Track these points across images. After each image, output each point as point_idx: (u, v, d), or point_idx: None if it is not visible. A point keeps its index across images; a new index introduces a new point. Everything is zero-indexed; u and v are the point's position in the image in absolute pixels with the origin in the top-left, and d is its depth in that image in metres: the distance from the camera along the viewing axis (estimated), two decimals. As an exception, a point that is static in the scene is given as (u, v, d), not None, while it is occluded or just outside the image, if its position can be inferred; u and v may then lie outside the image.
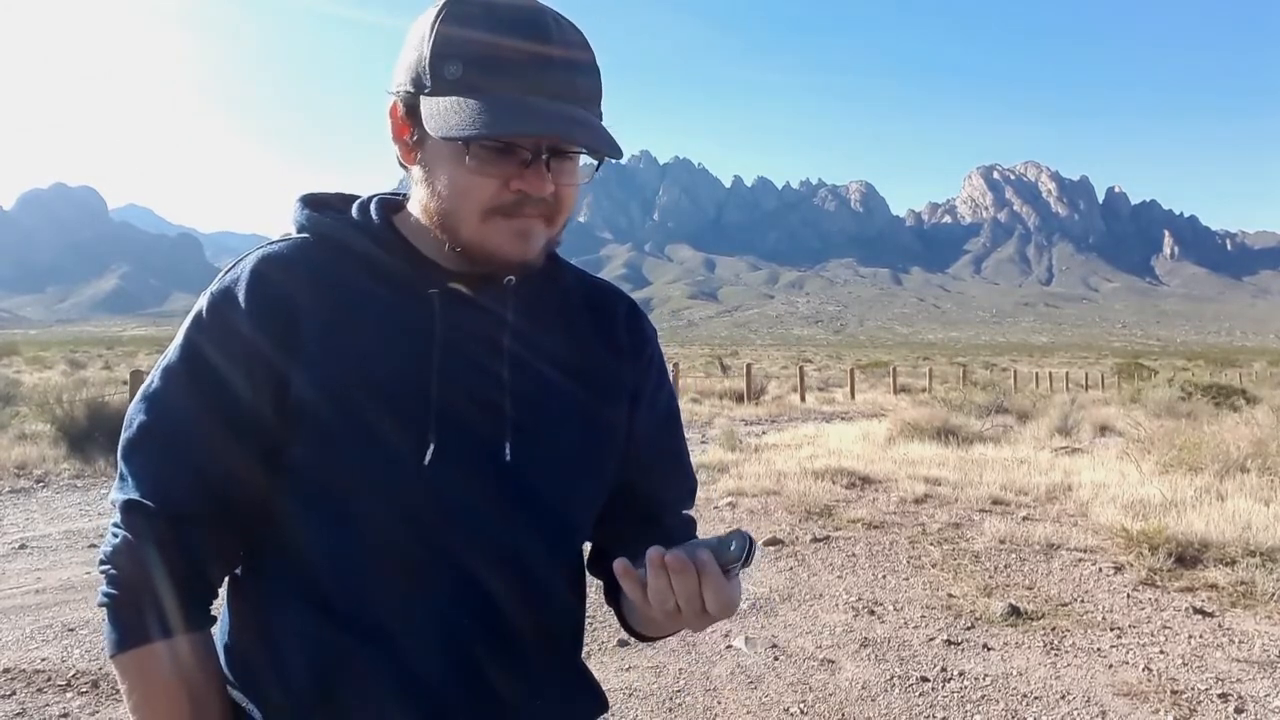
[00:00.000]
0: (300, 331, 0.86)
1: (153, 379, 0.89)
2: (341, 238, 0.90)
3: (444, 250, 0.88)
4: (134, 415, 0.89)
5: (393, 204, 0.95)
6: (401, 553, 0.87)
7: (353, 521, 0.86)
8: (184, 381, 0.87)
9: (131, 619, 0.85)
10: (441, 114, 0.81)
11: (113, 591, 0.86)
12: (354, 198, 0.97)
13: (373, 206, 0.93)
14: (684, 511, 1.09)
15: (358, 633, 0.87)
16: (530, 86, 0.81)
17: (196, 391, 0.87)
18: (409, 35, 0.86)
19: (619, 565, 0.81)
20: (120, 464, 0.89)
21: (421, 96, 0.83)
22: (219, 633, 0.95)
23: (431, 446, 0.85)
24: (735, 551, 0.79)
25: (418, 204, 0.90)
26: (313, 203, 0.95)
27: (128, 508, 0.86)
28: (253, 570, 0.93)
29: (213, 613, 0.91)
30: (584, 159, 0.87)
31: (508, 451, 0.88)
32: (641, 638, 1.01)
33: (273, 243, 0.92)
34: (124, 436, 0.89)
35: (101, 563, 0.87)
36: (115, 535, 0.87)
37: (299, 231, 0.93)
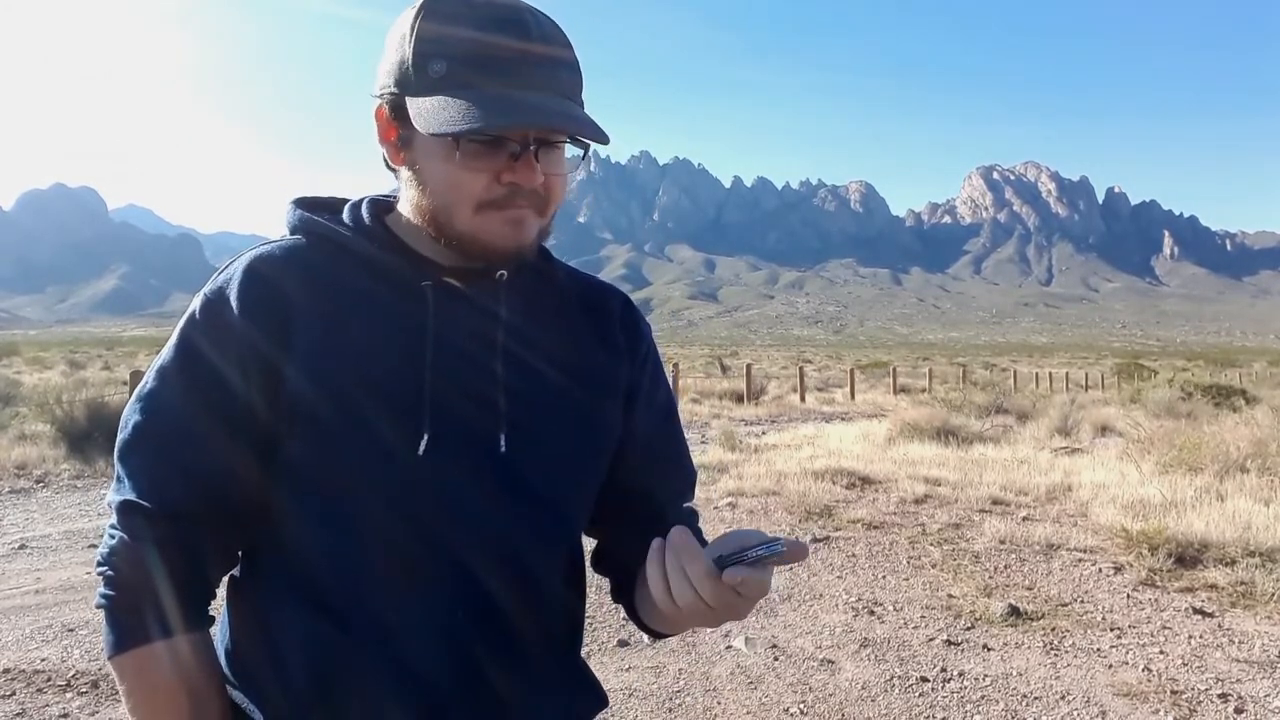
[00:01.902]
0: (294, 327, 0.86)
1: (147, 379, 0.90)
2: (334, 237, 0.91)
3: (437, 246, 0.89)
4: (129, 416, 0.89)
5: (384, 204, 0.96)
6: (398, 549, 0.87)
7: (348, 518, 0.86)
8: (179, 380, 0.88)
9: (130, 620, 0.85)
10: (430, 112, 0.82)
11: (110, 593, 0.86)
12: (345, 200, 0.98)
13: (364, 206, 0.94)
14: (685, 505, 1.09)
15: (356, 630, 0.87)
16: (516, 81, 0.82)
17: (191, 390, 0.87)
18: (389, 37, 0.87)
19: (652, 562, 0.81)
20: (117, 465, 0.89)
21: (407, 96, 0.84)
22: (219, 633, 0.95)
23: (425, 438, 0.85)
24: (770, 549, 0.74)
25: (408, 203, 0.90)
26: (305, 204, 0.96)
27: (124, 509, 0.86)
28: (251, 570, 0.93)
29: (212, 613, 0.92)
30: (570, 149, 0.88)
31: (502, 443, 0.89)
32: (655, 634, 1.01)
33: (266, 243, 0.92)
34: (120, 437, 0.89)
35: (99, 564, 0.87)
36: (112, 536, 0.87)
37: (292, 233, 0.94)
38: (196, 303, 0.89)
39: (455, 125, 0.80)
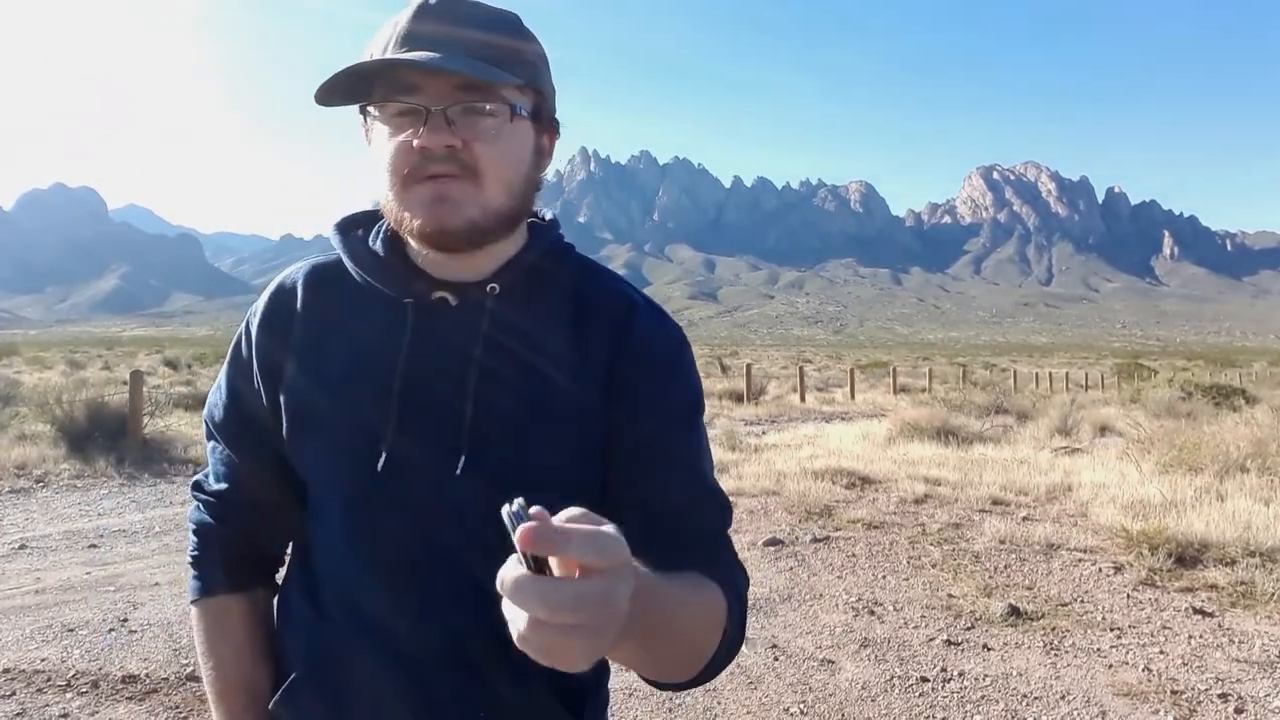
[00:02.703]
0: (290, 343, 0.94)
1: (218, 377, 1.04)
2: (349, 256, 0.94)
3: (432, 256, 0.89)
4: (206, 407, 1.05)
5: None
6: (370, 552, 0.90)
7: (327, 520, 0.93)
8: (225, 386, 1.01)
9: (194, 577, 1.02)
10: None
11: (194, 553, 1.03)
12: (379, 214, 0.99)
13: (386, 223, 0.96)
14: (715, 545, 0.92)
15: (345, 625, 0.91)
16: (412, 48, 0.82)
17: (230, 396, 1.00)
18: None
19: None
20: None
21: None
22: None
23: (384, 455, 0.88)
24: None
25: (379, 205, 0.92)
26: (342, 225, 0.98)
27: (194, 484, 1.05)
28: (291, 557, 1.03)
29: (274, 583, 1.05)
30: (492, 109, 0.84)
31: (462, 461, 0.87)
32: (656, 684, 0.86)
33: (303, 261, 1.00)
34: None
35: (189, 521, 1.05)
36: (191, 504, 1.05)
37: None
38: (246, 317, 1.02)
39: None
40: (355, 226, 0.98)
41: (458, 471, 0.87)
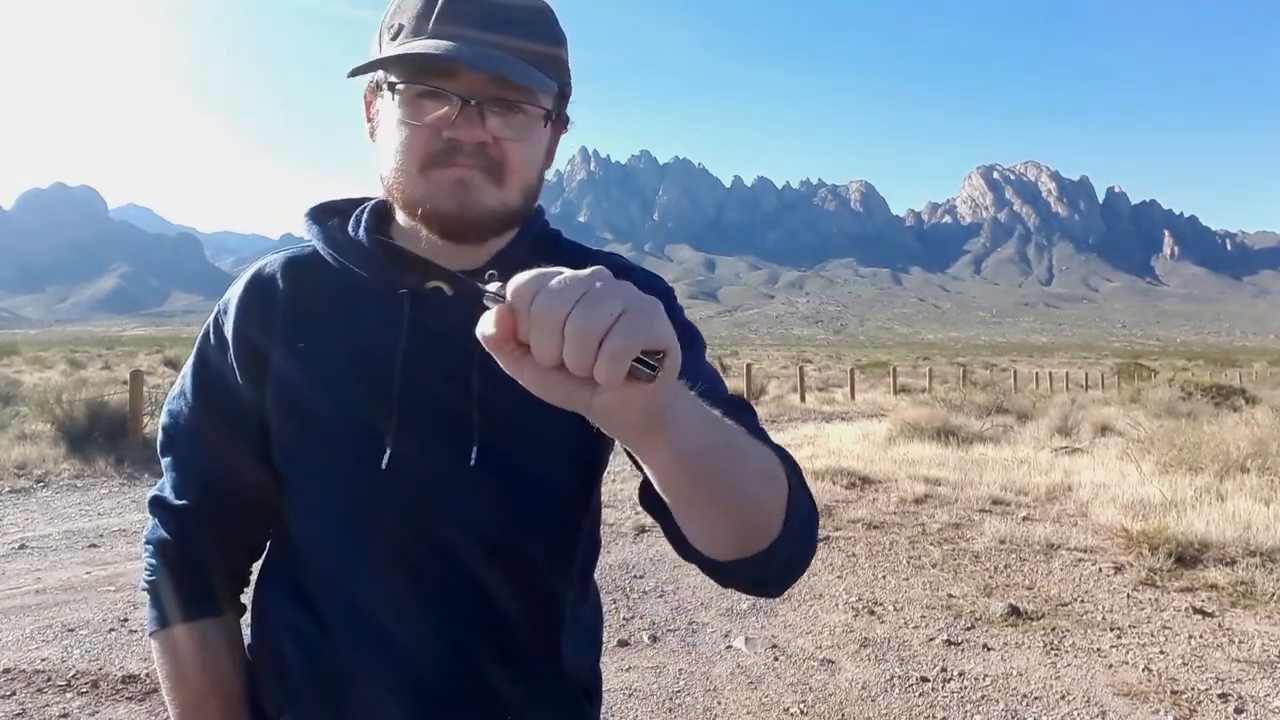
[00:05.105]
0: (274, 335, 0.90)
1: (175, 385, 0.99)
2: (330, 246, 0.91)
3: (420, 242, 0.87)
4: (162, 418, 0.99)
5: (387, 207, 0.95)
6: (372, 552, 0.88)
7: (323, 518, 0.90)
8: (191, 389, 0.96)
9: (156, 605, 0.95)
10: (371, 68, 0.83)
11: (151, 578, 0.96)
12: (362, 201, 0.97)
13: (366, 211, 0.94)
14: (756, 429, 0.79)
15: (344, 626, 0.89)
16: (449, 30, 0.80)
17: (200, 398, 0.95)
18: None
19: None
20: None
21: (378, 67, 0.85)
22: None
23: (388, 452, 0.86)
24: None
25: (381, 185, 0.89)
26: (317, 213, 0.96)
27: (152, 502, 0.97)
28: (264, 565, 0.99)
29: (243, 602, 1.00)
30: (528, 110, 0.83)
31: (474, 455, 0.86)
32: (716, 564, 0.73)
33: (276, 253, 0.96)
34: (158, 438, 0.99)
35: (144, 543, 0.98)
36: (148, 524, 0.99)
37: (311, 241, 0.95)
38: (210, 315, 0.96)
39: (375, 63, 0.81)
40: (330, 215, 0.96)
41: (472, 461, 0.86)
